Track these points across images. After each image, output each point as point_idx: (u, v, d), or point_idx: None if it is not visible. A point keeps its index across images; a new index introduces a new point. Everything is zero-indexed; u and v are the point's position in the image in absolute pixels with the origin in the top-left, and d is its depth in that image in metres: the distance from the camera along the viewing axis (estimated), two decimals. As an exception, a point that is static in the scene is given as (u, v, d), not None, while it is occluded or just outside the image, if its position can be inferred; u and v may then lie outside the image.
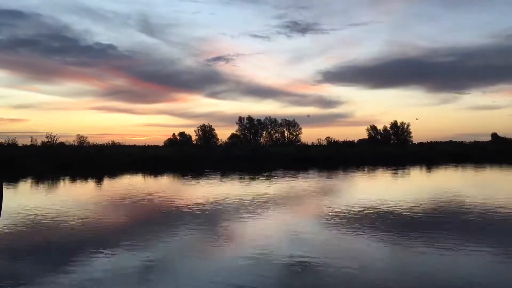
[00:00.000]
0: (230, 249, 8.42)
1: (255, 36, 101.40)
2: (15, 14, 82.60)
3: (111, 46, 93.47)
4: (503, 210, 12.66)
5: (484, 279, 6.52)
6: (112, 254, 7.99)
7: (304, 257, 7.71)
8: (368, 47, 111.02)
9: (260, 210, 13.19)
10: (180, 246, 8.78)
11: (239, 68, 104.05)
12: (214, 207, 13.87)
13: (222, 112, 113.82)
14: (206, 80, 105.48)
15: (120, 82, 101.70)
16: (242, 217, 11.90)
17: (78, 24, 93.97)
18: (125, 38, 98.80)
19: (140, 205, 14.86)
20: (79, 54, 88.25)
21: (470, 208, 13.16)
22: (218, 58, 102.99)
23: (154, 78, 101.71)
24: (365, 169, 33.54)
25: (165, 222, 11.47)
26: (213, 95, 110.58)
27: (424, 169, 33.49)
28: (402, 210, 12.86)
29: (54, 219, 11.78)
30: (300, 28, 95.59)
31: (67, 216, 12.12)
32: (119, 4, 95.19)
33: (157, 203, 15.23)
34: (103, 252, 8.09)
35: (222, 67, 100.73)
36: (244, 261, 7.49)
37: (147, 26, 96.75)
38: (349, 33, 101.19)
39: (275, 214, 12.58)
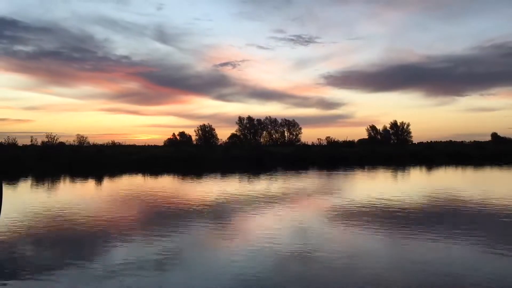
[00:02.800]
0: (237, 242, 8.82)
1: (261, 48, 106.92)
2: (44, 30, 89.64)
3: (127, 54, 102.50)
4: (496, 206, 13.01)
5: (476, 268, 6.84)
6: (129, 246, 8.49)
7: (307, 249, 8.10)
8: (368, 54, 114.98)
9: (263, 207, 13.47)
10: (191, 238, 9.23)
11: (245, 73, 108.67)
12: (218, 204, 14.17)
13: (227, 113, 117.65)
14: (214, 83, 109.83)
15: (131, 85, 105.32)
16: (247, 213, 12.33)
17: (100, 34, 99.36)
18: (140, 46, 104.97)
19: (148, 202, 15.08)
20: (97, 63, 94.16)
21: (464, 205, 13.54)
22: (226, 64, 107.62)
23: (164, 81, 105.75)
24: (365, 169, 33.57)
25: (174, 217, 11.85)
26: (220, 97, 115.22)
27: (423, 169, 33.54)
28: (400, 207, 13.09)
29: (70, 214, 12.21)
30: (303, 41, 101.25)
31: (81, 212, 12.56)
32: (139, 16, 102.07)
33: (163, 200, 15.45)
34: (120, 244, 8.64)
35: (230, 72, 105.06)
36: (250, 252, 7.91)
37: (161, 36, 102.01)
38: (350, 42, 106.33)
39: (278, 210, 12.86)
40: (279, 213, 12.50)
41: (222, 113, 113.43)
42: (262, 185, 20.71)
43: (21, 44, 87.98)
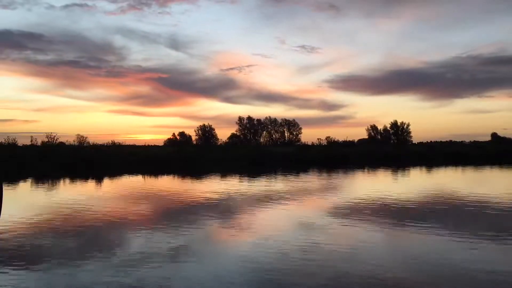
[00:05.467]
0: (244, 237, 9.23)
1: (266, 57, 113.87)
2: (67, 42, 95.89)
3: (141, 60, 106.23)
4: (494, 205, 13.24)
5: (471, 261, 7.17)
6: (144, 239, 8.87)
7: (311, 242, 8.46)
8: (368, 60, 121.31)
9: (265, 205, 13.72)
10: (200, 233, 9.62)
11: (251, 76, 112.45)
12: (221, 203, 14.41)
13: (231, 114, 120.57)
14: (220, 86, 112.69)
15: (141, 88, 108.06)
16: (250, 211, 12.70)
17: (118, 42, 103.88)
18: (153, 52, 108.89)
19: (153, 200, 15.35)
20: (112, 68, 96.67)
21: (462, 203, 13.83)
22: (232, 68, 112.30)
23: (172, 85, 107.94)
24: (365, 169, 33.61)
25: (181, 214, 12.22)
26: (226, 99, 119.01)
27: (423, 169, 33.57)
28: (400, 205, 13.33)
29: (77, 212, 12.43)
30: (306, 51, 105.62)
31: (88, 209, 12.83)
32: (155, 26, 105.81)
33: (166, 199, 15.73)
34: (136, 237, 9.06)
35: (236, 75, 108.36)
36: (257, 246, 8.27)
37: (174, 43, 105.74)
38: (351, 50, 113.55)
39: (280, 208, 13.15)
40: (281, 210, 12.77)
41: (226, 114, 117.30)
42: (262, 185, 20.78)
43: (42, 54, 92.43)
